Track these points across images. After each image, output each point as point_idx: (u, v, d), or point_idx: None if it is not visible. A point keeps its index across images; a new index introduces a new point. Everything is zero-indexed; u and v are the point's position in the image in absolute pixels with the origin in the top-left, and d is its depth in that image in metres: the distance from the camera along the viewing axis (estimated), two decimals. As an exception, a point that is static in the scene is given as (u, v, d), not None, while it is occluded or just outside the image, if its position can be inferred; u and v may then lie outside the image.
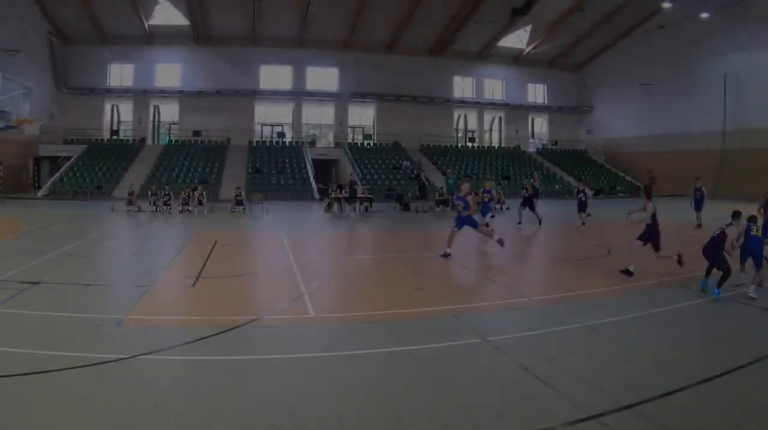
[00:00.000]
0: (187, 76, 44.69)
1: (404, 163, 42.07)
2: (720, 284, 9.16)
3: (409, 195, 31.29)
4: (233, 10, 41.20)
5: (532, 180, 24.34)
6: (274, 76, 46.19)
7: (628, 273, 10.31)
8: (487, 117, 51.24)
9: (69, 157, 39.42)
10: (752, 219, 9.65)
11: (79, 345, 6.31)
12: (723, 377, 5.61)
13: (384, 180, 39.67)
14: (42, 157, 40.84)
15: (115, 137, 44.90)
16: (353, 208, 26.38)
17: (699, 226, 19.06)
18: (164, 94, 44.87)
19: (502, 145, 50.62)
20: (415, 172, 39.28)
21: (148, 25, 42.50)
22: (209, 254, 13.01)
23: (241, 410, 4.75)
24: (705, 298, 9.01)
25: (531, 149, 50.89)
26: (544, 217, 20.98)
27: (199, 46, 44.21)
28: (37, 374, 5.31)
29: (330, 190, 28.29)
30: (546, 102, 51.79)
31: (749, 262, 9.61)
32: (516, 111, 50.85)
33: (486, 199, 18.17)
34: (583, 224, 19.25)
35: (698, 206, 20.08)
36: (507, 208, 27.44)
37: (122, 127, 46.04)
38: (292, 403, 4.95)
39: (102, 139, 43.89)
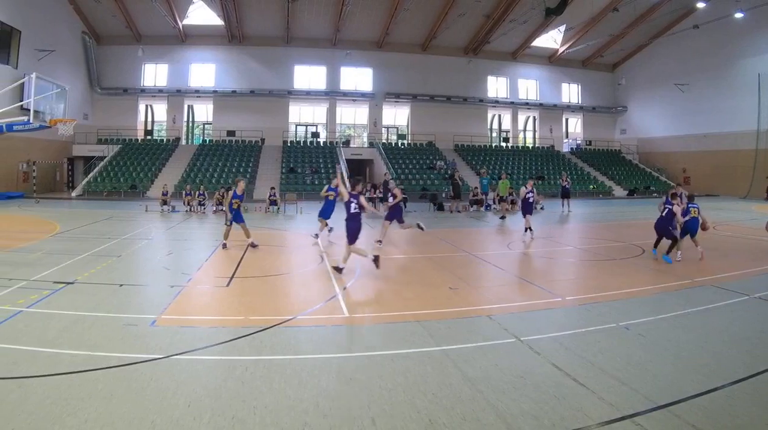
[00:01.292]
0: (221, 76, 42.14)
1: (438, 163, 39.48)
2: (669, 251, 11.80)
3: (443, 195, 29.21)
4: (267, 10, 38.94)
5: (560, 180, 24.71)
6: (308, 76, 43.37)
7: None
8: (521, 117, 47.88)
9: (103, 157, 37.20)
10: (691, 199, 12.41)
11: (113, 345, 6.11)
12: (757, 376, 5.41)
13: (418, 180, 36.95)
14: (76, 157, 38.99)
15: (149, 137, 42.52)
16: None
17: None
18: (198, 94, 42.20)
19: (536, 145, 47.44)
20: (449, 172, 36.05)
21: (182, 25, 40.08)
22: (243, 254, 12.57)
23: (275, 410, 4.59)
24: (739, 298, 8.65)
25: (565, 149, 47.85)
26: (575, 217, 21.34)
27: (233, 46, 41.81)
28: (71, 374, 5.19)
29: (364, 190, 25.57)
30: (580, 102, 48.35)
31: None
32: (550, 111, 47.53)
33: (529, 199, 17.01)
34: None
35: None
36: (541, 208, 25.90)
37: (156, 127, 43.81)
38: (325, 403, 4.73)
39: (136, 139, 41.44)
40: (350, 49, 42.49)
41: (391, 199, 14.56)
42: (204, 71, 42.28)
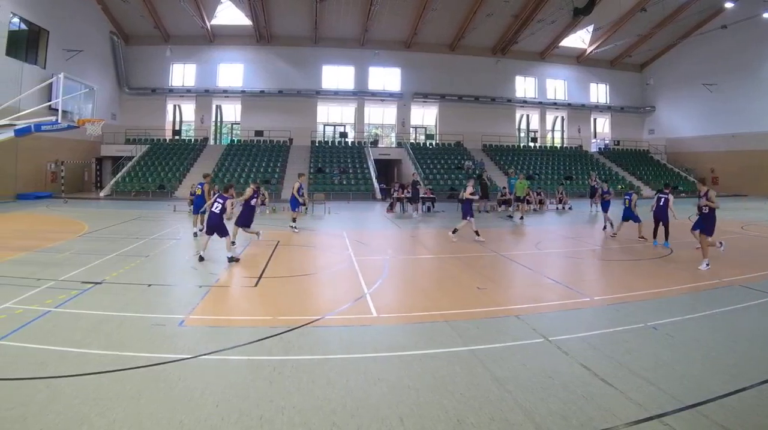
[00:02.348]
0: (249, 76, 39.93)
1: (466, 163, 37.20)
2: (666, 237, 12.82)
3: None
4: (295, 10, 36.86)
5: (589, 180, 23.75)
6: (337, 76, 41.01)
7: None
8: (549, 117, 45.11)
9: (131, 157, 35.26)
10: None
11: (141, 345, 5.83)
12: (787, 377, 5.04)
13: (446, 180, 34.71)
14: (104, 157, 36.97)
15: (177, 137, 40.40)
16: (416, 208, 23.15)
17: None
18: (226, 94, 40.01)
19: (564, 146, 44.74)
20: (477, 172, 34.10)
21: (211, 25, 37.99)
22: (271, 254, 12.12)
23: (303, 410, 4.40)
24: (767, 298, 8.24)
25: (593, 149, 45.09)
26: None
27: (261, 46, 39.60)
28: (100, 374, 5.00)
29: (392, 190, 25.66)
30: (608, 102, 45.56)
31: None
32: (578, 111, 44.78)
33: (606, 199, 16.95)
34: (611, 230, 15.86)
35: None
36: (569, 208, 25.28)
37: (184, 127, 41.65)
38: (354, 403, 4.52)
39: (164, 139, 39.34)
40: (378, 49, 40.20)
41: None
42: (232, 71, 40.09)
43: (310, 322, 6.81)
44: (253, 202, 12.99)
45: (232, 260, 10.90)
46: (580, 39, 42.68)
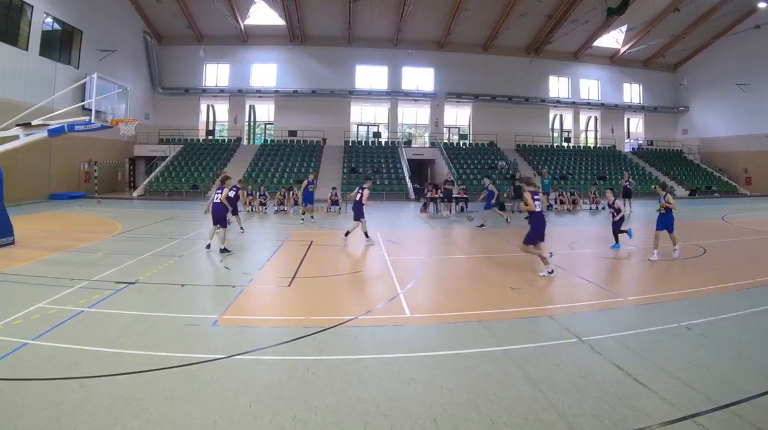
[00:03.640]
0: (282, 75, 37.22)
1: (500, 163, 34.39)
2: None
3: (505, 195, 24.87)
4: (329, 9, 34.19)
5: (621, 180, 22.92)
6: (370, 75, 38.18)
7: None
8: (583, 117, 41.89)
9: (164, 157, 32.81)
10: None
11: (174, 345, 5.49)
12: (822, 377, 4.63)
13: (480, 180, 31.48)
14: (137, 157, 34.52)
15: (210, 137, 37.82)
16: (449, 208, 21.93)
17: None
18: (260, 94, 37.31)
19: (598, 145, 41.55)
20: (511, 172, 31.66)
21: (244, 25, 35.39)
22: (305, 254, 11.31)
23: (336, 410, 4.12)
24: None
25: (627, 149, 41.82)
26: (636, 217, 19.77)
27: (295, 46, 36.86)
28: (133, 374, 4.71)
29: (425, 190, 24.07)
30: (642, 102, 42.21)
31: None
32: (611, 111, 41.52)
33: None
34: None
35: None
36: (602, 208, 23.41)
37: (218, 127, 38.91)
38: (387, 403, 4.24)
39: (197, 139, 36.79)
40: (411, 49, 37.27)
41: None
42: (265, 71, 37.36)
43: (344, 322, 6.45)
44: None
45: (224, 251, 10.83)
46: (613, 39, 39.48)
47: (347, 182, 29.69)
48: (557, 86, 40.59)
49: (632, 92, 42.27)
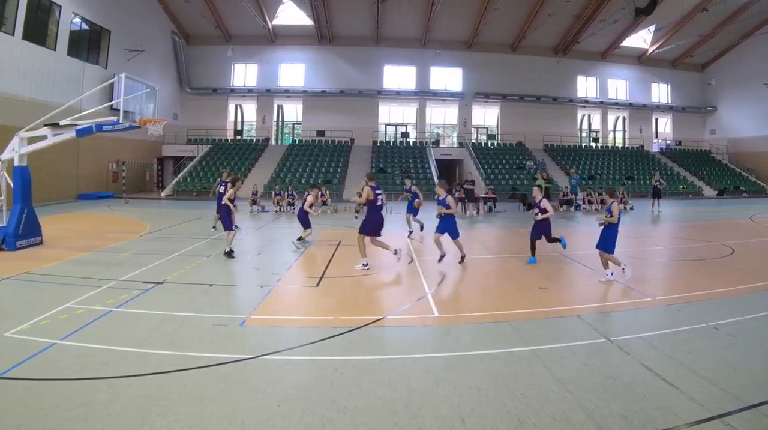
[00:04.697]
0: (310, 76, 35.19)
1: (528, 163, 32.35)
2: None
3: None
4: (357, 10, 32.16)
5: (651, 180, 22.57)
6: (398, 76, 36.01)
7: None
8: (611, 117, 39.40)
9: (192, 157, 30.99)
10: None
11: (202, 345, 5.20)
12: None
13: (508, 180, 29.92)
14: (165, 157, 32.73)
15: (238, 137, 35.82)
16: (476, 208, 21.13)
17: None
18: (288, 94, 35.30)
19: (626, 146, 39.11)
20: (539, 172, 29.84)
21: (272, 25, 33.38)
22: (333, 254, 10.64)
23: (365, 410, 3.87)
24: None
25: (655, 149, 39.35)
26: (665, 217, 19.34)
27: (323, 46, 34.77)
28: (161, 374, 4.44)
29: (453, 190, 22.38)
30: (670, 102, 39.65)
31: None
32: (640, 111, 39.01)
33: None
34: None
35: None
36: (631, 208, 22.17)
37: (246, 127, 36.89)
38: (415, 403, 3.97)
39: (225, 140, 34.87)
40: (439, 49, 35.07)
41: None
42: (293, 71, 35.33)
43: (372, 322, 6.01)
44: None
45: (228, 254, 10.17)
46: (641, 39, 36.97)
47: (376, 182, 27.62)
48: (585, 86, 38.12)
49: (660, 92, 39.69)
